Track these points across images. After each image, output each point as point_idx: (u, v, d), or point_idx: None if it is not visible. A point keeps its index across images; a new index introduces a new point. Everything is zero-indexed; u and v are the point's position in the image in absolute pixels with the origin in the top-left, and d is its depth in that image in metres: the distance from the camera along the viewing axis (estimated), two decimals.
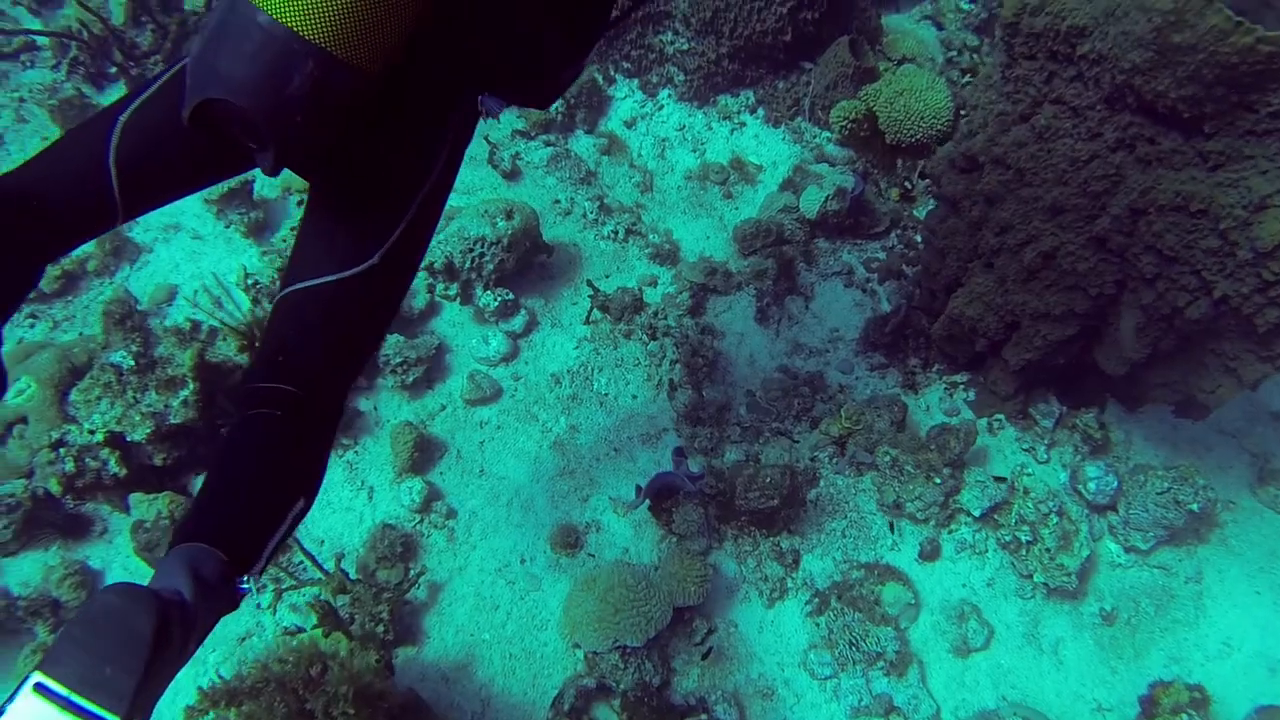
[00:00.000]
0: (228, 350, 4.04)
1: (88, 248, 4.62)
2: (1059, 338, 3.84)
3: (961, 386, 4.42)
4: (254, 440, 1.90)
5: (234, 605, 1.70)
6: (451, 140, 2.05)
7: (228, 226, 4.69)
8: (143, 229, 4.77)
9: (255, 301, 4.19)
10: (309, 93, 1.64)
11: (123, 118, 1.88)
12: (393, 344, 4.16)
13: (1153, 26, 3.05)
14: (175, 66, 1.96)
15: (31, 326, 4.44)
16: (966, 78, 5.33)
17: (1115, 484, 4.05)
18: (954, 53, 5.97)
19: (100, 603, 1.42)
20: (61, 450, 3.81)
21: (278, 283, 4.20)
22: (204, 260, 4.62)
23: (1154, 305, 3.51)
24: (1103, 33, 3.30)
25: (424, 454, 4.06)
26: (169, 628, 1.44)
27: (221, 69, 1.64)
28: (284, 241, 4.32)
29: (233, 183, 4.55)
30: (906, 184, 4.93)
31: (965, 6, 6.11)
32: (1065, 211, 3.57)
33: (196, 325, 4.13)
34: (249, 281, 4.22)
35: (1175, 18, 2.98)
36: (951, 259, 4.11)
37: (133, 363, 3.83)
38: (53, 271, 4.45)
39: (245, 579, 1.70)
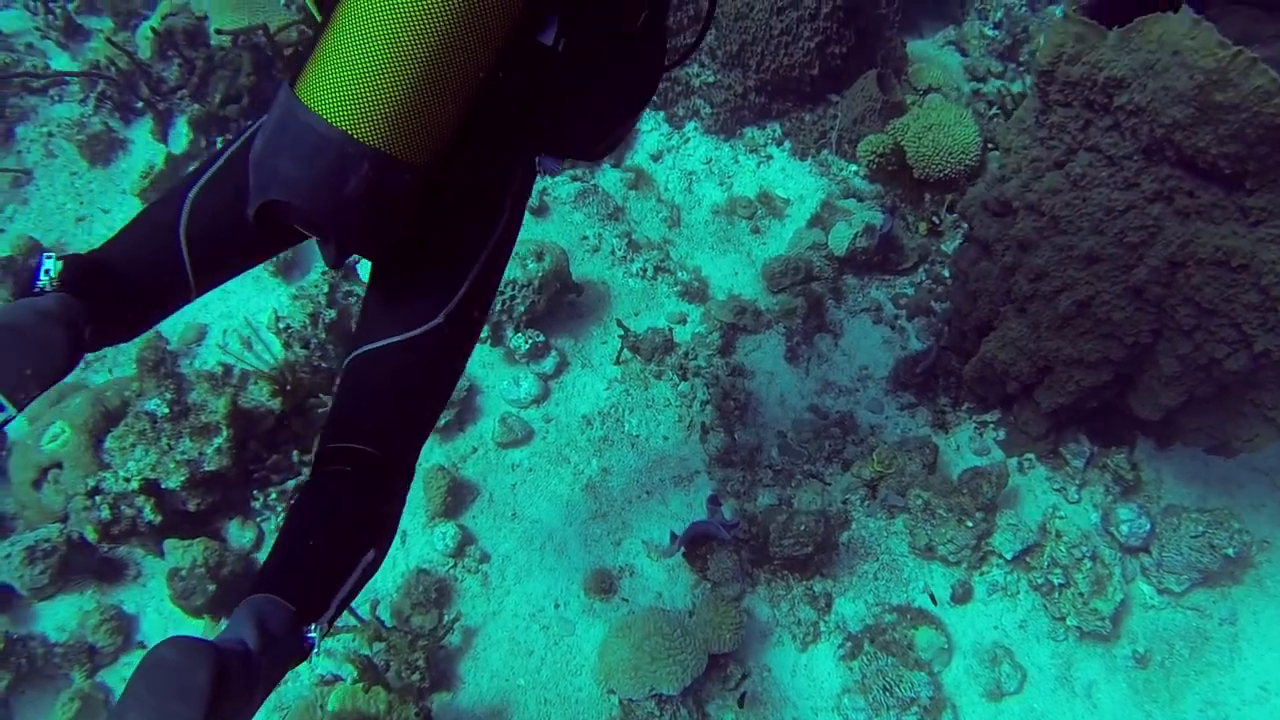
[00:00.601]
0: (259, 395, 4.05)
1: None
2: (1092, 383, 3.83)
3: (991, 425, 4.41)
4: (326, 495, 1.94)
5: (304, 656, 1.73)
6: (511, 201, 2.08)
7: None
8: None
9: (287, 345, 4.21)
10: (366, 192, 1.70)
11: (191, 195, 1.96)
12: None
13: (1194, 84, 3.04)
14: (238, 141, 2.03)
15: None
16: (994, 110, 5.32)
17: (1148, 527, 4.05)
18: (979, 82, 5.96)
19: (156, 657, 1.45)
20: (97, 498, 3.83)
21: (309, 326, 4.21)
22: (233, 299, 4.63)
23: (1191, 356, 3.50)
24: (1141, 85, 3.28)
25: (456, 498, 4.07)
26: (228, 678, 1.46)
27: (281, 171, 1.72)
28: (315, 286, 4.32)
29: None
30: (934, 219, 4.92)
31: (989, 33, 6.10)
32: (1101, 260, 3.56)
33: (228, 370, 4.15)
34: (280, 325, 4.23)
35: (1218, 77, 2.97)
36: (983, 302, 4.10)
37: (166, 410, 3.85)
38: None
39: (313, 628, 1.72)
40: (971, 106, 5.30)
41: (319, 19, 1.98)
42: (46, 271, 1.71)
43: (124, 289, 1.89)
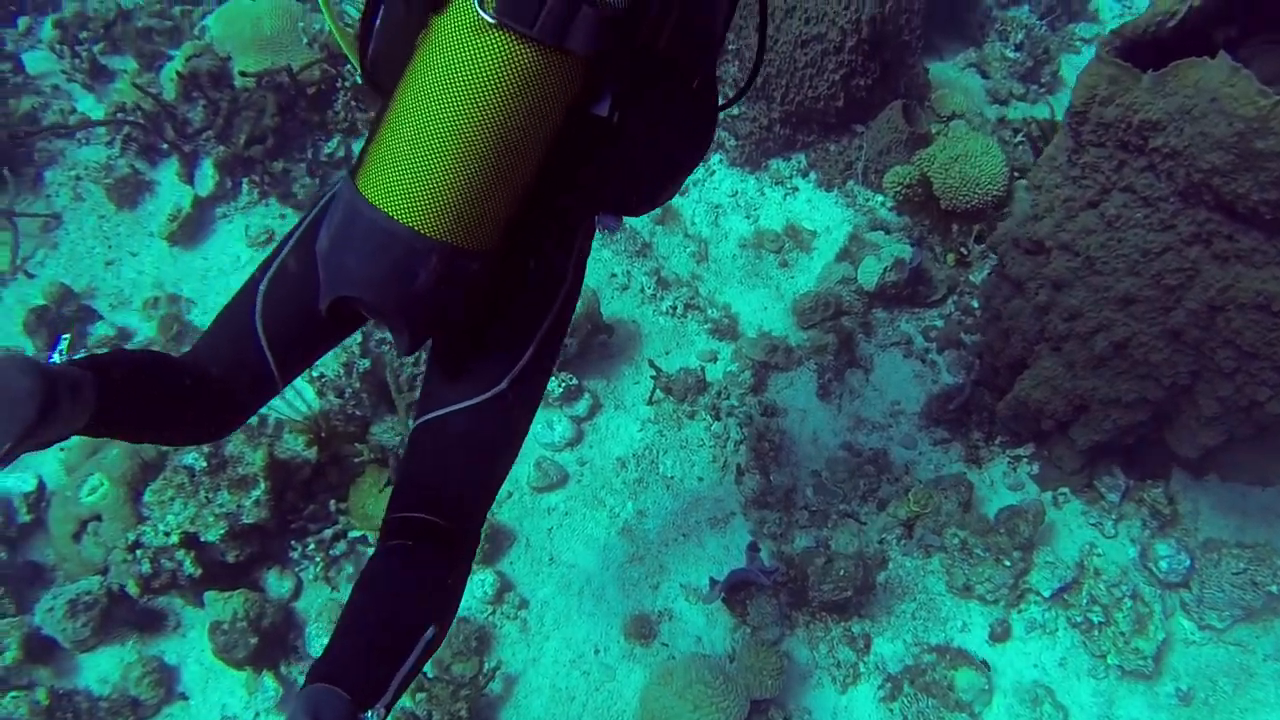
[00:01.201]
0: (295, 445, 4.07)
1: (150, 333, 4.66)
2: (1129, 422, 3.83)
3: (1025, 460, 4.40)
4: (389, 570, 1.95)
5: None
6: (574, 264, 2.09)
7: None
8: (201, 312, 4.81)
9: (321, 394, 4.22)
10: (435, 284, 1.73)
11: (262, 291, 2.01)
12: None
13: (1234, 131, 3.03)
14: (300, 230, 2.06)
15: None
16: (1019, 137, 5.30)
17: (1188, 563, 4.04)
18: (1001, 105, 5.95)
19: None
20: (138, 551, 3.85)
21: (344, 376, 4.23)
22: None
23: (1231, 398, 3.49)
24: (1178, 129, 3.27)
25: (493, 544, 4.08)
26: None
27: (350, 268, 1.75)
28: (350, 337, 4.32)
29: None
30: (962, 249, 4.91)
31: (1010, 55, 6.10)
32: (1138, 302, 3.56)
33: (263, 420, 4.16)
34: (314, 373, 4.24)
35: (1259, 125, 2.96)
36: (1016, 339, 4.09)
37: (205, 464, 3.86)
38: None
39: (370, 715, 1.71)
40: (996, 134, 5.29)
41: (360, 71, 2.01)
42: (61, 352, 1.75)
43: (211, 391, 1.95)
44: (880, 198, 5.15)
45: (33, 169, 5.33)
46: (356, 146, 5.38)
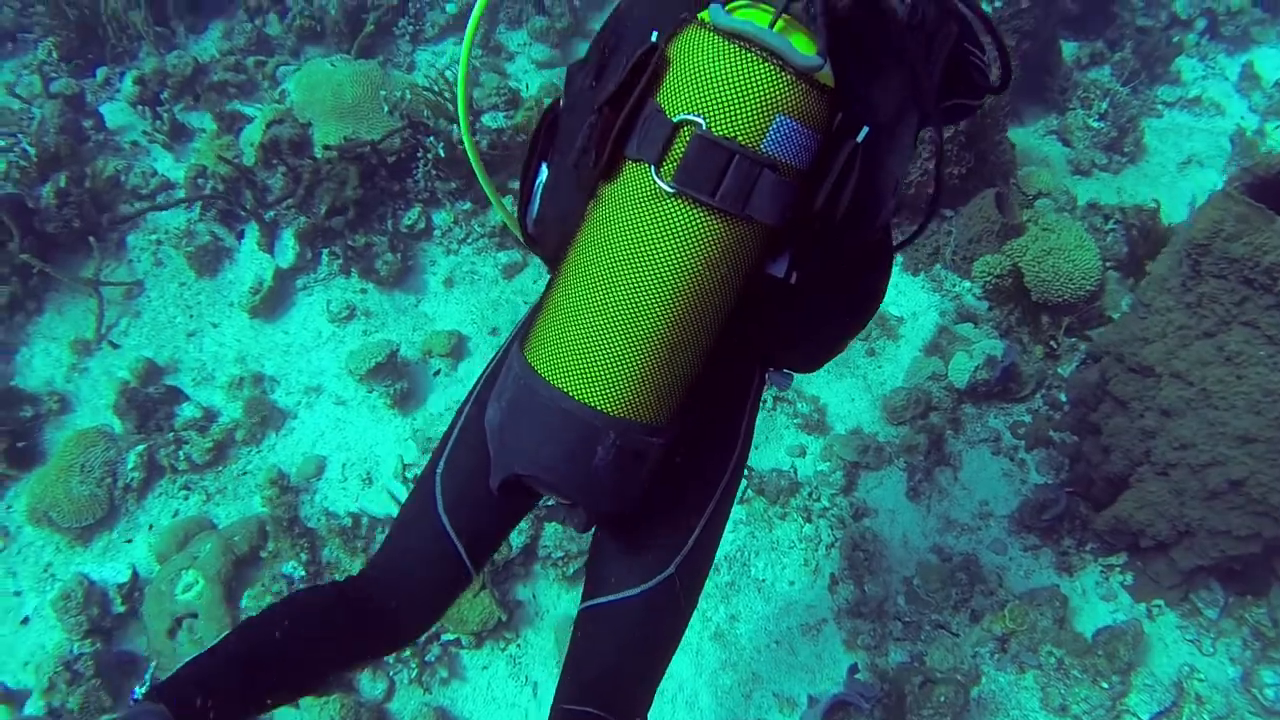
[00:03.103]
0: None
1: (235, 415, 4.66)
2: (1239, 553, 3.77)
3: (1118, 569, 4.35)
4: None
5: None
6: (746, 427, 2.03)
7: (370, 392, 4.71)
8: (285, 392, 4.81)
9: None
10: (614, 461, 1.67)
11: (439, 472, 1.99)
12: (551, 535, 4.17)
13: None
14: (466, 409, 2.04)
15: (186, 498, 4.49)
16: (1110, 224, 5.22)
17: None
18: (1084, 175, 5.86)
19: None
20: None
21: None
22: (348, 430, 4.65)
23: None
24: None
25: None
26: None
27: (525, 446, 1.71)
28: (434, 433, 4.31)
29: (379, 358, 4.56)
30: (1052, 343, 4.85)
31: (1094, 125, 6.00)
32: (1258, 442, 3.49)
33: (357, 521, 4.15)
34: (407, 474, 4.24)
35: None
36: (1117, 457, 4.03)
37: (304, 572, 3.87)
38: (204, 443, 4.50)
39: None
40: (1087, 220, 5.22)
41: (520, 235, 2.00)
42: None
43: (411, 600, 1.98)
44: (967, 284, 5.09)
45: (115, 233, 5.33)
46: (437, 217, 5.37)
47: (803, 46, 1.62)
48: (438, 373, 4.80)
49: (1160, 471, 3.86)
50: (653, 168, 1.59)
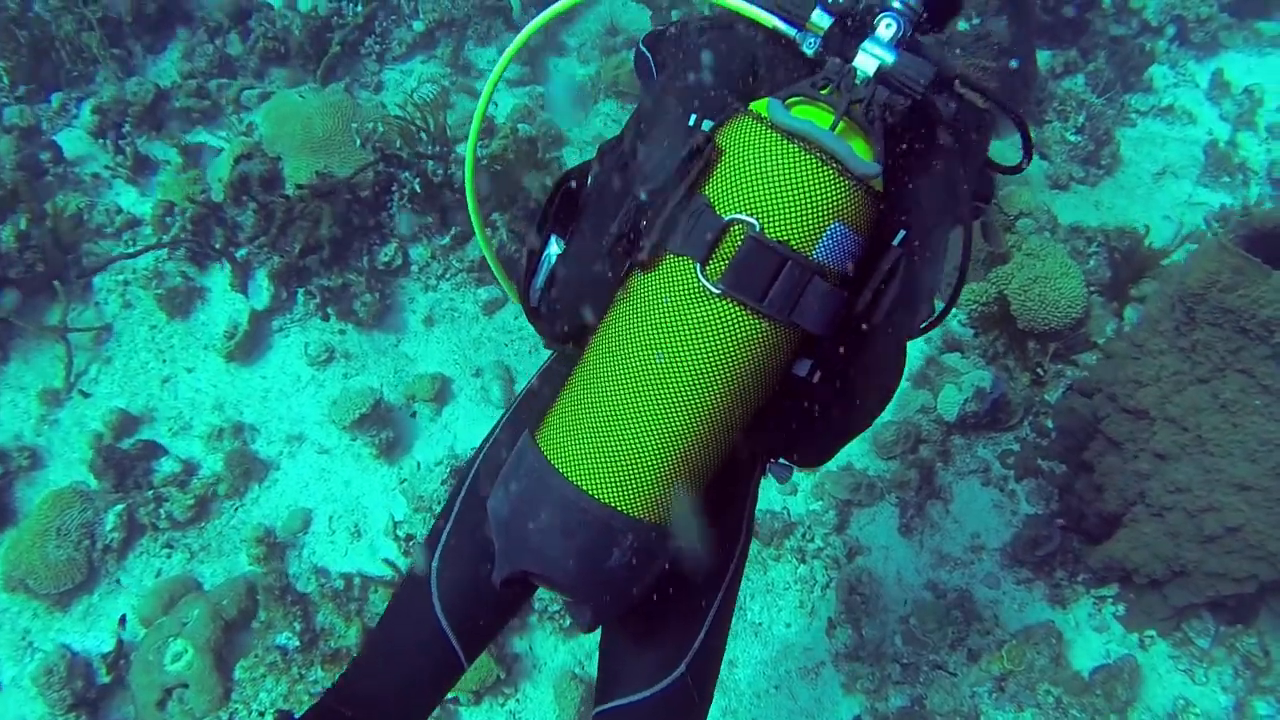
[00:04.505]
0: (383, 607, 3.99)
1: (216, 468, 4.55)
2: (1233, 592, 3.80)
3: (1110, 600, 4.38)
4: None
5: None
6: (748, 517, 2.00)
7: (354, 440, 4.62)
8: (266, 441, 4.70)
9: (407, 554, 4.14)
10: (629, 562, 1.61)
11: (435, 566, 1.92)
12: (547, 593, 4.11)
13: None
14: (462, 491, 1.98)
15: (168, 557, 4.38)
16: (1093, 247, 5.23)
17: None
18: (1063, 190, 5.87)
19: None
20: None
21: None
22: (333, 481, 4.56)
23: None
24: None
25: (589, 705, 4.03)
26: None
27: (536, 544, 1.62)
28: (433, 493, 4.24)
29: (363, 409, 4.46)
30: (1039, 370, 4.85)
31: (1071, 139, 6.00)
32: (1255, 490, 3.52)
33: (349, 582, 4.08)
34: (398, 531, 4.16)
35: None
36: (1111, 496, 4.04)
37: (298, 642, 3.80)
38: (185, 499, 4.39)
39: None
40: (1070, 244, 5.22)
41: (524, 311, 1.93)
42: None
43: (406, 697, 1.94)
44: (954, 310, 5.07)
45: (80, 271, 5.17)
46: (414, 252, 5.26)
47: (861, 151, 1.58)
48: (414, 414, 4.71)
49: (1155, 513, 3.88)
50: (698, 265, 1.54)
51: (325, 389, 4.83)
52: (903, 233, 1.69)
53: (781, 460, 1.96)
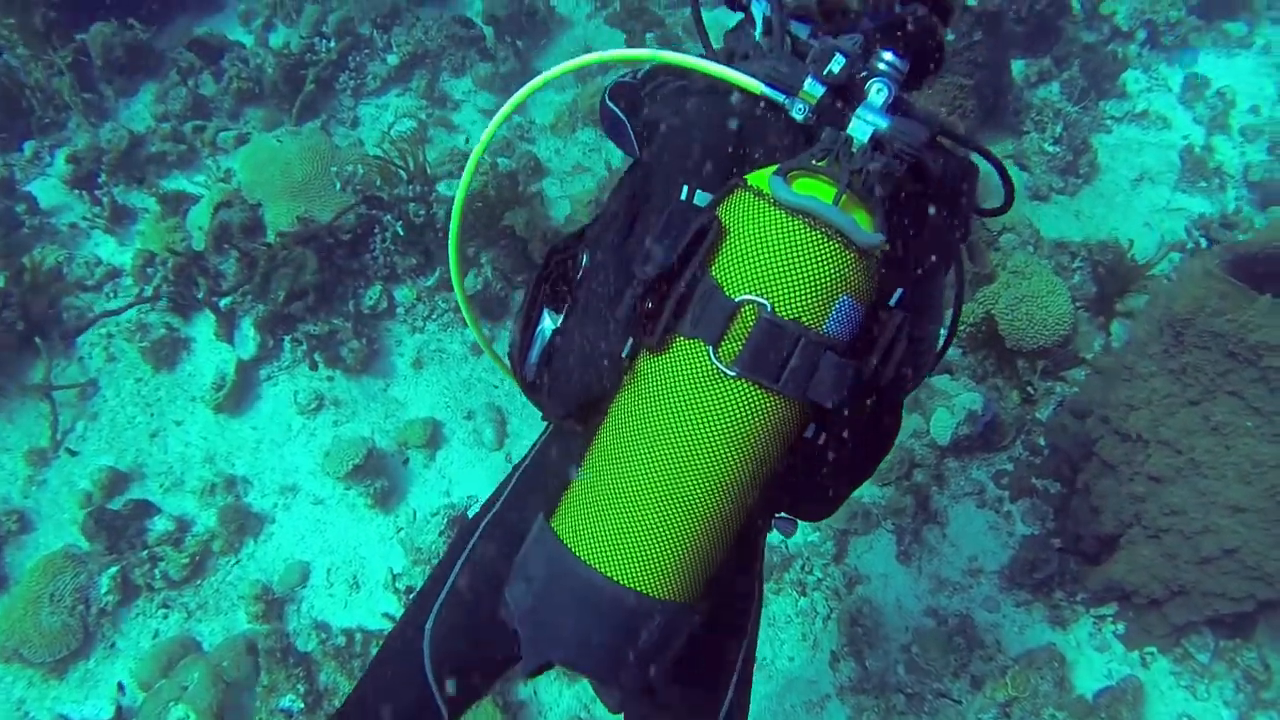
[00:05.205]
0: None
1: (210, 524, 4.52)
2: (1232, 611, 3.83)
3: (1110, 620, 4.40)
4: None
5: None
6: (759, 575, 2.02)
7: (348, 490, 4.59)
8: (259, 493, 4.66)
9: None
10: (656, 642, 1.60)
11: (428, 627, 1.91)
12: None
13: None
14: (460, 561, 1.96)
15: (165, 617, 4.35)
16: (1077, 262, 5.25)
17: None
18: (1043, 201, 5.89)
19: None
20: None
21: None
22: (329, 532, 4.53)
23: None
24: None
25: None
26: None
27: (563, 634, 1.60)
28: (432, 545, 4.22)
29: (357, 460, 4.44)
30: (1029, 388, 4.87)
31: (1050, 149, 6.03)
32: (1250, 512, 3.54)
33: (351, 638, 4.05)
34: (397, 584, 4.14)
35: None
36: (1107, 518, 4.06)
37: (302, 704, 3.77)
38: (180, 558, 4.35)
39: None
40: (1054, 260, 5.24)
41: (519, 385, 1.93)
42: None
43: None
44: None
45: (61, 329, 5.12)
46: (399, 294, 5.23)
47: (863, 222, 1.56)
48: (406, 461, 4.68)
49: (1152, 535, 3.90)
50: (711, 348, 1.53)
51: (317, 438, 4.80)
52: (900, 291, 1.69)
53: (785, 515, 1.97)
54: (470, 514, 4.46)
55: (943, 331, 2.04)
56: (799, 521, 2.00)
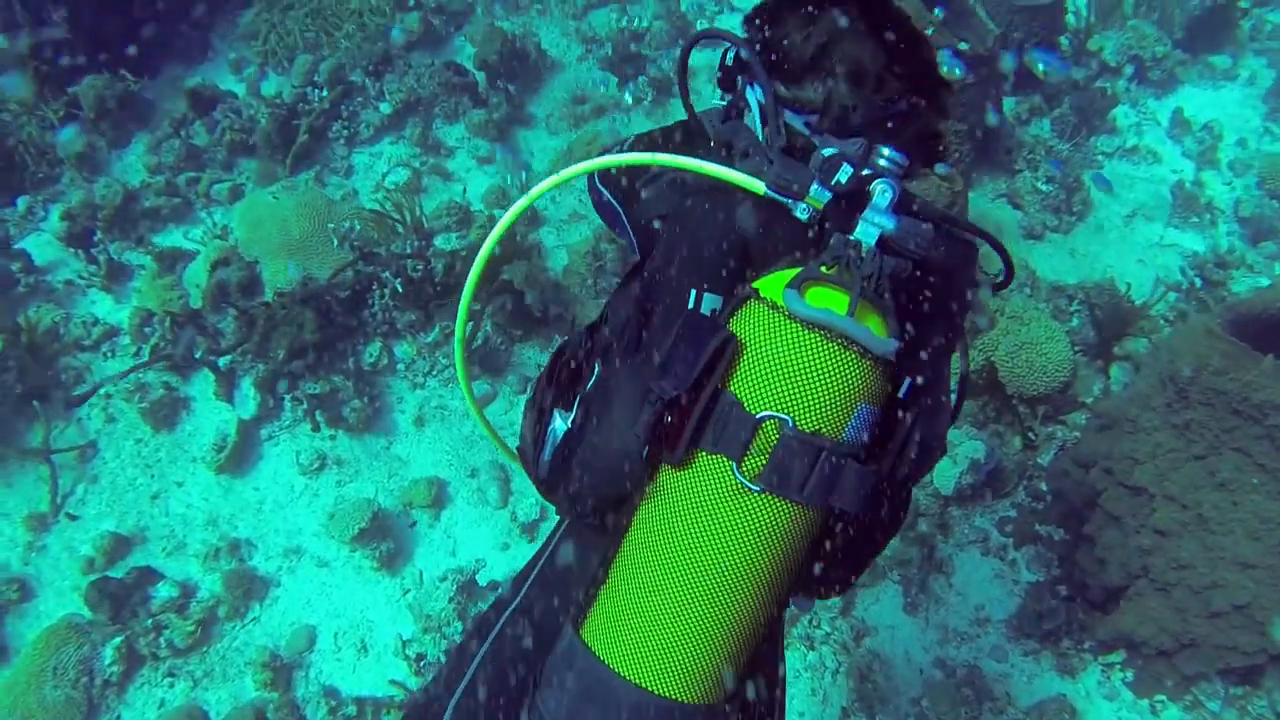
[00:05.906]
0: None
1: (215, 589, 4.49)
2: (1243, 664, 3.84)
3: (1118, 667, 4.41)
4: None
5: None
6: (781, 655, 2.00)
7: (354, 552, 4.57)
8: (264, 556, 4.64)
9: (418, 674, 4.10)
10: None
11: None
12: None
13: None
14: (478, 657, 1.96)
15: (171, 686, 4.31)
16: (1075, 304, 5.28)
17: None
18: (1037, 240, 5.92)
19: None
20: None
21: (444, 658, 4.11)
22: (336, 595, 4.50)
23: None
24: None
25: None
26: None
27: None
28: (442, 612, 4.20)
29: (362, 523, 4.42)
30: (1030, 434, 4.89)
31: (1043, 188, 6.07)
32: (1259, 568, 3.56)
33: (362, 708, 4.03)
34: (408, 650, 4.12)
35: None
36: (1113, 570, 4.08)
37: None
38: (185, 625, 4.32)
39: None
40: (1051, 303, 5.27)
41: (535, 484, 1.91)
42: None
43: None
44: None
45: (60, 391, 5.09)
46: (399, 350, 5.21)
47: (877, 329, 1.57)
48: (413, 524, 4.67)
49: (1160, 588, 3.92)
50: (734, 464, 1.54)
51: (320, 498, 4.78)
52: (908, 381, 1.70)
53: (805, 596, 1.98)
54: (479, 578, 4.44)
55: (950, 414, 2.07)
56: (815, 600, 2.02)
